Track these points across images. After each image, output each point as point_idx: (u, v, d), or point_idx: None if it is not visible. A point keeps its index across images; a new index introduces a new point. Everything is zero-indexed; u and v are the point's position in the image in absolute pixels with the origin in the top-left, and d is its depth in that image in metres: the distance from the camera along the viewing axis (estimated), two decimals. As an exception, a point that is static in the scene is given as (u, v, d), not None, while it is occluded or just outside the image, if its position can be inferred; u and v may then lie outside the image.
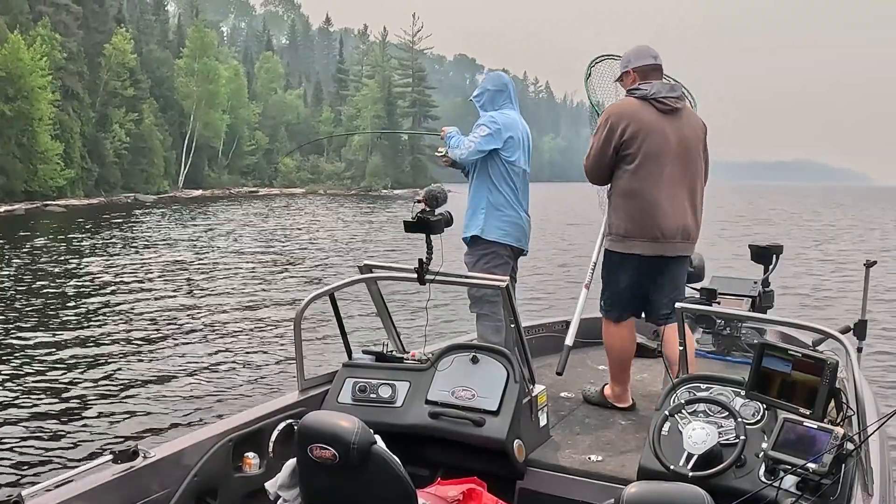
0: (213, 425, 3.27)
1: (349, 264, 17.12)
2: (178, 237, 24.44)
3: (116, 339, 9.88)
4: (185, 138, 61.85)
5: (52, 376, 8.17)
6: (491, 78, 4.71)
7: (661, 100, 3.92)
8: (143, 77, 56.54)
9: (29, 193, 42.18)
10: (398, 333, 3.98)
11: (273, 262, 18.09)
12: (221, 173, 67.58)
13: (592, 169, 4.04)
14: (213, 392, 7.82)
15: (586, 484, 3.30)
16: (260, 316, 11.66)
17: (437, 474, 3.30)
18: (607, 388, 4.20)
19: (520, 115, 4.61)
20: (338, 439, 2.45)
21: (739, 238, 22.87)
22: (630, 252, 3.95)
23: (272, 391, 7.55)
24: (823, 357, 2.85)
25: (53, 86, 44.07)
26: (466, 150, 4.45)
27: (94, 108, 50.83)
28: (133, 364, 8.75)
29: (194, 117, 62.30)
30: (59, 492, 2.57)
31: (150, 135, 55.04)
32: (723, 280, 5.20)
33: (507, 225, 4.45)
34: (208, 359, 9.10)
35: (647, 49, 4.09)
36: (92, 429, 6.72)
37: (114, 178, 51.24)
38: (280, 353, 9.22)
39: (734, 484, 2.79)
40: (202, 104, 62.66)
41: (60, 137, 44.59)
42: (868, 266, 4.75)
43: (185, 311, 11.87)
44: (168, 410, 7.21)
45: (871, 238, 29.34)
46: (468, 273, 4.00)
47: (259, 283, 14.83)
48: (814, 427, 2.68)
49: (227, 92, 66.17)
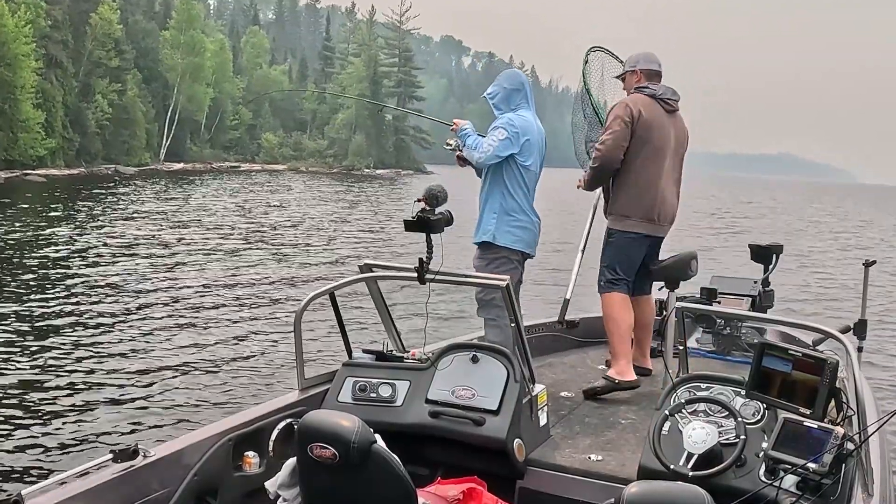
0: (213, 424, 3.27)
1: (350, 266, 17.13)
2: (176, 219, 24.45)
3: (116, 338, 9.87)
4: (168, 111, 61.41)
5: (51, 376, 8.16)
6: (507, 76, 4.56)
7: (667, 100, 4.43)
8: (127, 48, 56.04)
9: (9, 162, 41.56)
10: (398, 333, 3.98)
11: (274, 257, 18.10)
12: (203, 147, 67.18)
13: (612, 151, 4.33)
14: (213, 391, 7.82)
15: (586, 483, 3.30)
16: (260, 315, 11.65)
17: (437, 473, 3.30)
18: (612, 370, 4.39)
19: (535, 115, 4.49)
20: (338, 438, 2.45)
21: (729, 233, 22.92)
22: (642, 233, 4.44)
23: (272, 390, 7.55)
24: (823, 357, 2.85)
25: (37, 54, 43.53)
26: (484, 154, 4.31)
27: (77, 77, 50.22)
28: (133, 363, 8.74)
29: (178, 90, 61.89)
30: (59, 491, 2.57)
31: (132, 106, 54.57)
32: (723, 280, 5.21)
33: (520, 230, 4.37)
34: (208, 358, 9.09)
35: (654, 56, 4.58)
36: (92, 428, 6.71)
37: (95, 149, 50.72)
38: (280, 353, 9.22)
39: (734, 483, 2.79)
40: (186, 77, 62.27)
41: (42, 106, 44.03)
42: (867, 266, 4.75)
43: (184, 311, 11.86)
44: (168, 409, 7.20)
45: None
46: (468, 272, 3.99)
47: (259, 282, 14.83)
48: (814, 427, 2.68)
49: (212, 65, 65.77)
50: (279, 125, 77.94)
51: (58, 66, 47.04)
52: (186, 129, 64.32)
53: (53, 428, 6.67)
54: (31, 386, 7.81)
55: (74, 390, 7.73)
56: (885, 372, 8.92)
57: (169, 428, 6.66)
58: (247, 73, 77.14)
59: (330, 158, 75.50)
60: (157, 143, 60.13)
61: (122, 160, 52.83)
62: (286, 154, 74.91)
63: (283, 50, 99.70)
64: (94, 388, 7.83)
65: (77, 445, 6.32)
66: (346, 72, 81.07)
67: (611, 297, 4.44)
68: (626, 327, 4.44)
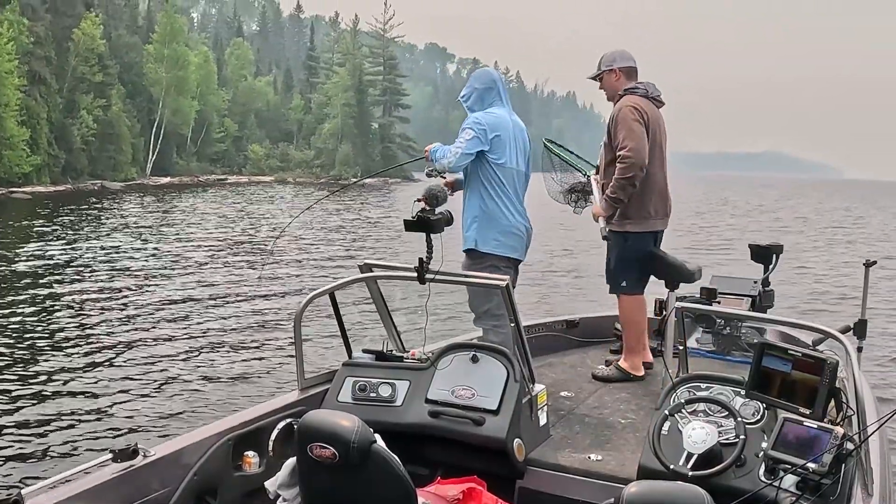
0: (213, 424, 3.26)
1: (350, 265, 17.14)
2: (170, 226, 24.50)
3: (115, 338, 9.88)
4: (153, 125, 60.94)
5: (51, 375, 8.17)
6: (478, 75, 4.47)
7: (656, 97, 4.57)
8: (111, 63, 55.32)
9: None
10: (398, 332, 3.98)
11: (274, 260, 18.12)
12: (190, 160, 66.67)
13: (642, 152, 4.35)
14: (213, 391, 7.82)
15: (586, 483, 3.30)
16: (260, 314, 11.66)
17: (436, 473, 3.30)
18: (626, 363, 4.55)
19: (510, 112, 4.36)
20: (338, 438, 2.45)
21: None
22: (660, 229, 4.61)
23: (272, 390, 7.55)
24: (823, 357, 2.85)
25: (20, 71, 43.10)
26: (453, 157, 4.16)
27: (61, 93, 49.72)
28: (133, 363, 8.75)
29: (163, 104, 61.31)
30: (58, 491, 2.57)
31: (118, 121, 54.05)
32: (723, 279, 5.20)
33: (502, 235, 4.23)
34: (208, 357, 9.10)
35: (628, 52, 4.64)
36: (92, 428, 6.72)
37: (81, 165, 50.16)
38: (280, 352, 9.22)
39: (734, 483, 2.79)
40: (171, 90, 61.67)
41: (27, 123, 43.57)
42: (868, 266, 4.74)
43: (184, 311, 11.87)
44: (168, 409, 7.21)
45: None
46: (468, 272, 3.98)
47: (259, 282, 14.84)
48: (814, 427, 2.68)
49: (197, 78, 65.22)
50: (265, 136, 77.68)
51: (41, 83, 46.51)
52: (172, 143, 63.74)
53: (53, 428, 6.67)
54: (30, 386, 7.81)
55: (74, 390, 7.74)
56: (885, 372, 8.91)
57: (169, 428, 6.66)
58: (232, 85, 76.66)
59: (317, 169, 75.09)
60: (143, 158, 59.59)
61: (109, 175, 52.19)
62: (273, 165, 74.48)
63: (267, 61, 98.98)
64: (93, 388, 7.84)
65: (77, 445, 6.32)
66: (331, 81, 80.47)
67: (636, 301, 4.57)
68: (643, 327, 4.60)
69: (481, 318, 4.28)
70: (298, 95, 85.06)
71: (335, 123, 76.92)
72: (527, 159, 4.42)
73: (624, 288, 4.56)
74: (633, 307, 4.58)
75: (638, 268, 4.55)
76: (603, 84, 4.63)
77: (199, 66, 66.44)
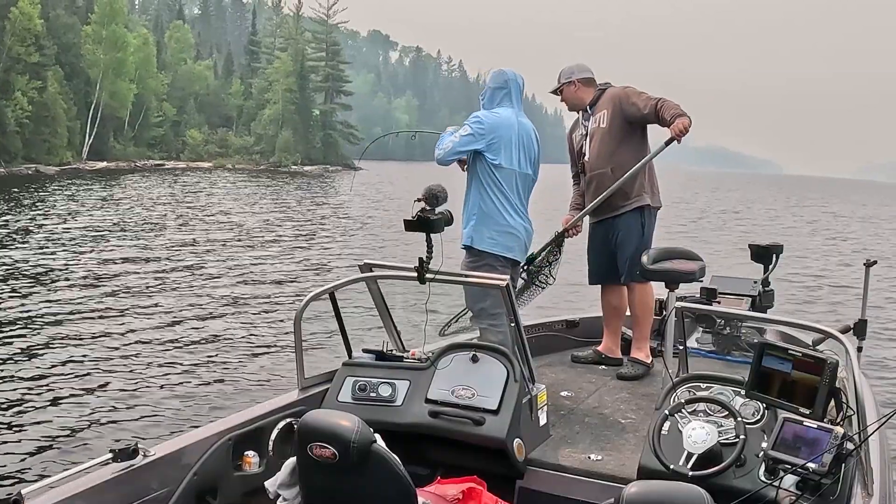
0: (213, 424, 3.26)
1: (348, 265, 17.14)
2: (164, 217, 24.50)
3: (115, 339, 9.87)
4: (90, 108, 59.02)
5: (51, 375, 8.16)
6: (493, 75, 4.46)
7: None
8: (48, 43, 53.58)
9: (-78, 162, 39.04)
10: (398, 332, 3.98)
11: (276, 256, 18.12)
12: (127, 145, 64.96)
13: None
14: (212, 391, 7.81)
15: (586, 483, 3.30)
16: (260, 314, 11.65)
17: (436, 473, 3.30)
18: (642, 354, 4.73)
19: (518, 113, 4.32)
20: (338, 438, 2.45)
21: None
22: (660, 206, 4.93)
23: (272, 390, 7.54)
24: (823, 357, 2.85)
25: None
26: (444, 150, 4.19)
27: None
28: (132, 363, 8.74)
29: (100, 86, 59.73)
30: (58, 490, 2.57)
31: (53, 103, 52.29)
32: (723, 279, 5.21)
33: (498, 234, 4.20)
34: (208, 357, 9.09)
35: (584, 64, 4.95)
36: (91, 427, 6.71)
37: (14, 149, 48.40)
38: (280, 352, 9.22)
39: (734, 483, 2.79)
40: (109, 73, 60.21)
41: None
42: (868, 266, 4.74)
43: (184, 311, 11.86)
44: (168, 409, 7.20)
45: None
46: (468, 272, 3.98)
47: (260, 280, 14.83)
48: (814, 427, 2.68)
49: (136, 61, 63.76)
50: (204, 121, 75.80)
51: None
52: (109, 127, 61.90)
53: (53, 428, 6.67)
54: (29, 386, 7.81)
55: (74, 390, 7.73)
56: (885, 372, 8.91)
57: (169, 427, 6.66)
58: (171, 69, 74.87)
59: (257, 155, 73.25)
60: (79, 142, 57.57)
61: (44, 159, 50.52)
62: (211, 151, 72.51)
63: (208, 45, 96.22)
64: (93, 387, 7.83)
65: (77, 445, 6.31)
66: (272, 66, 78.41)
67: (649, 286, 4.71)
68: (651, 312, 4.82)
69: (478, 317, 4.28)
70: (239, 80, 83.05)
71: (276, 109, 74.87)
72: (533, 162, 4.35)
73: (638, 276, 4.57)
74: (649, 292, 4.74)
75: (651, 246, 4.67)
76: (564, 96, 4.90)
77: (139, 49, 64.73)
